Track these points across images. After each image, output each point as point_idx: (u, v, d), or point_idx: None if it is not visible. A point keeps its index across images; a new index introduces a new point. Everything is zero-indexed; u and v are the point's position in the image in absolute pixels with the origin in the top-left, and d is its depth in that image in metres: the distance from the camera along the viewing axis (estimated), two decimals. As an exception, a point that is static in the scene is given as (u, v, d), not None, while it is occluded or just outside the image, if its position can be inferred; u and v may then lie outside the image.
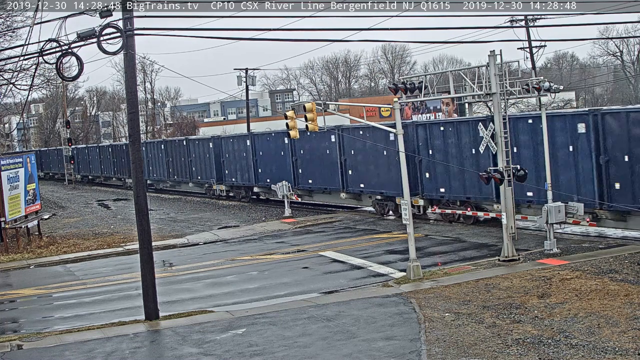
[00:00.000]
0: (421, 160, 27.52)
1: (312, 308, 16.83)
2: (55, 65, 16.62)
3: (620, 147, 21.15)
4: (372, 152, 29.64)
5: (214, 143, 41.37)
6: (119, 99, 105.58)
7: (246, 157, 38.52)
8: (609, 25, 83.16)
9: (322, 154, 32.72)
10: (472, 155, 25.49)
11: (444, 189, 27.07)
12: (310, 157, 33.73)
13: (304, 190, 35.00)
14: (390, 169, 28.39)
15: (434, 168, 27.29)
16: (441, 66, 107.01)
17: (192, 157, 43.61)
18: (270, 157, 36.56)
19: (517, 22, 45.81)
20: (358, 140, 30.50)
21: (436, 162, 26.85)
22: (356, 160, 30.94)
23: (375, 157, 29.69)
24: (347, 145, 31.25)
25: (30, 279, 23.98)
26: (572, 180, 22.53)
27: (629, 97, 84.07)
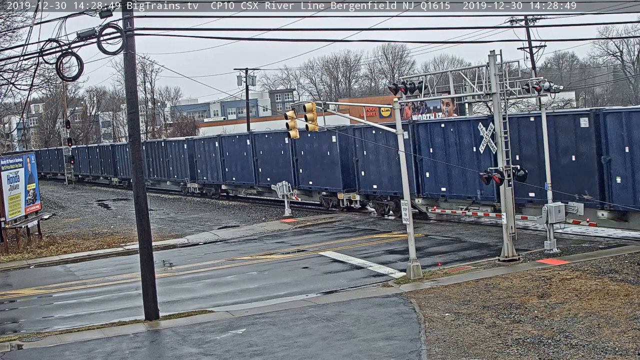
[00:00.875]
0: (357, 160, 30.88)
1: (312, 308, 16.83)
2: (55, 65, 16.63)
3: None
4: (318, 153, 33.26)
5: (187, 144, 44.34)
6: (119, 99, 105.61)
7: (215, 157, 41.43)
8: (609, 25, 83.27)
9: (277, 155, 36.10)
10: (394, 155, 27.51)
11: (376, 185, 30.28)
12: (268, 157, 36.87)
13: (264, 187, 38.20)
14: (333, 168, 32.29)
15: (368, 167, 30.44)
16: (442, 66, 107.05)
17: (170, 157, 46.51)
18: (235, 158, 39.77)
19: (517, 22, 45.83)
20: (306, 142, 33.63)
21: (370, 162, 30.18)
22: (306, 160, 34.19)
23: (321, 157, 33.09)
24: (299, 147, 34.34)
25: (30, 279, 23.98)
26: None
27: (629, 97, 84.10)
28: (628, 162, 20.84)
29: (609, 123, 21.43)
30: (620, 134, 20.95)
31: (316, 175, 33.67)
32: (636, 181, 20.77)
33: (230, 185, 41.40)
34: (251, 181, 38.41)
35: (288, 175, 35.14)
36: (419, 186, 28.03)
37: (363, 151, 30.74)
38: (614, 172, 21.25)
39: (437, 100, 63.80)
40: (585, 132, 22.02)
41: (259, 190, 38.89)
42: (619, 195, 21.19)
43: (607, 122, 21.50)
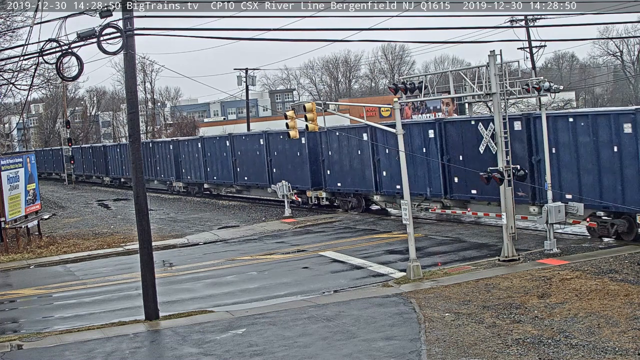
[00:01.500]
0: (324, 160, 32.95)
1: (312, 308, 16.83)
2: (55, 65, 16.62)
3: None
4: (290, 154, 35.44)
5: (173, 145, 46.40)
6: (119, 99, 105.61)
7: (198, 158, 43.60)
8: (609, 25, 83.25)
9: (254, 155, 38.08)
10: (358, 155, 31.07)
11: (340, 183, 32.41)
12: (246, 157, 38.91)
13: (242, 186, 40.47)
14: (303, 167, 34.41)
15: (333, 167, 32.42)
16: (442, 66, 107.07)
17: (157, 157, 48.69)
18: (216, 158, 41.67)
19: (517, 22, 45.84)
20: (279, 143, 36.02)
21: (335, 162, 32.44)
22: (279, 160, 36.16)
23: (292, 157, 35.24)
24: (273, 148, 36.61)
25: (30, 279, 23.98)
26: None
27: (629, 97, 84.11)
28: (555, 162, 22.41)
29: (538, 126, 22.88)
30: (548, 136, 22.25)
31: (288, 175, 35.03)
32: (562, 179, 22.47)
33: (212, 184, 43.35)
34: (230, 180, 40.42)
35: (263, 174, 37.25)
36: (377, 184, 30.10)
37: (328, 152, 32.71)
38: (543, 171, 22.54)
39: (437, 100, 63.81)
40: (519, 134, 23.73)
41: (238, 188, 41.07)
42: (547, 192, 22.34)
43: (536, 125, 23.09)
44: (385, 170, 29.56)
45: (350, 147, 31.33)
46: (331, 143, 32.47)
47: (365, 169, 30.73)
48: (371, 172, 30.14)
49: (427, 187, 27.72)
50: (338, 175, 32.23)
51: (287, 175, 34.76)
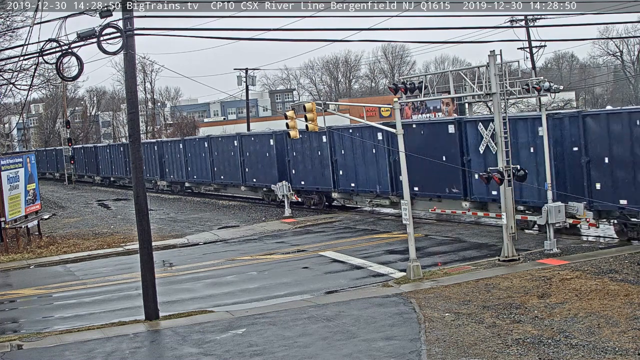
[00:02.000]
0: (289, 160, 35.16)
1: (312, 308, 16.83)
2: (55, 65, 16.62)
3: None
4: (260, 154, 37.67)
5: (157, 146, 49.09)
6: (119, 99, 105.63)
7: (180, 158, 45.70)
8: (609, 25, 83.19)
9: (229, 155, 40.20)
10: (318, 156, 33.43)
11: (304, 181, 34.67)
12: (222, 158, 40.96)
13: (219, 184, 42.69)
14: (272, 167, 36.44)
15: (297, 166, 34.85)
16: (442, 66, 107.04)
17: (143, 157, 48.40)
18: (196, 158, 43.89)
19: (517, 22, 45.81)
20: (250, 144, 38.47)
21: (299, 162, 34.76)
22: (251, 160, 38.38)
23: (262, 158, 37.37)
24: (245, 148, 38.87)
25: (30, 279, 23.98)
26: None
27: (629, 97, 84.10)
28: (482, 162, 24.60)
29: (468, 129, 25.52)
30: (476, 137, 24.98)
31: (259, 174, 37.79)
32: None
33: (192, 183, 45.78)
34: (208, 179, 42.79)
35: (237, 173, 39.56)
36: (335, 182, 32.46)
37: (293, 152, 35.03)
38: (474, 169, 25.02)
39: (437, 100, 63.81)
40: (452, 136, 26.20)
41: (215, 187, 43.36)
42: (477, 188, 25.42)
43: (467, 128, 25.63)
44: (342, 169, 31.99)
45: (312, 148, 33.72)
46: (295, 144, 34.39)
47: (325, 168, 33.07)
48: (330, 171, 32.59)
49: (377, 185, 30.18)
50: (302, 174, 34.50)
51: (258, 174, 37.67)
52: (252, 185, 38.81)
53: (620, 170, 20.93)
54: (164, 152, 47.74)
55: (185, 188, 46.98)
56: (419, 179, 26.83)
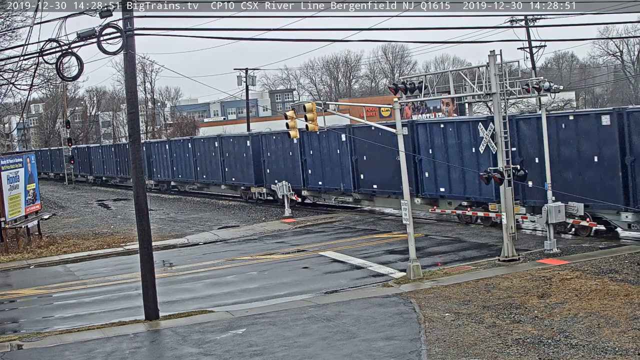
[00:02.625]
0: (264, 160, 37.31)
1: (312, 308, 16.83)
2: (55, 65, 16.62)
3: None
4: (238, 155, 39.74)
5: (145, 147, 50.37)
6: (119, 99, 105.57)
7: (166, 158, 48.27)
8: (609, 25, 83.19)
9: (210, 156, 42.41)
10: (289, 156, 35.67)
11: (277, 180, 36.24)
12: (204, 158, 43.19)
13: (202, 183, 44.81)
14: (248, 167, 38.55)
15: (272, 166, 37.29)
16: (442, 66, 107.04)
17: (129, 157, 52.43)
18: (181, 159, 46.00)
19: (517, 22, 45.81)
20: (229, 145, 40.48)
21: (272, 162, 37.07)
22: (230, 160, 40.36)
23: (241, 158, 39.35)
24: (225, 149, 40.96)
25: (30, 279, 23.98)
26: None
27: (629, 97, 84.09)
28: (432, 161, 27.22)
29: (420, 131, 27.88)
30: (427, 140, 27.58)
31: (237, 173, 39.99)
32: (437, 175, 27.46)
33: (178, 182, 47.86)
34: (192, 178, 45.00)
35: (218, 173, 41.64)
36: (304, 181, 34.76)
37: (267, 153, 37.33)
38: (424, 168, 27.84)
39: (437, 100, 63.82)
40: (406, 138, 26.11)
41: (199, 185, 45.53)
42: (427, 186, 27.99)
43: (418, 130, 27.97)
44: (311, 169, 34.27)
45: (284, 149, 35.99)
46: (270, 146, 37.04)
47: (296, 168, 35.21)
48: (300, 171, 34.85)
49: (341, 183, 32.49)
50: (275, 174, 36.45)
51: (237, 174, 39.95)
52: (231, 184, 41.09)
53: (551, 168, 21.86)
54: (151, 153, 49.79)
55: (171, 187, 49.42)
56: (378, 178, 30.21)
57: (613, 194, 21.45)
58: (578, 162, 22.43)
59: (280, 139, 35.75)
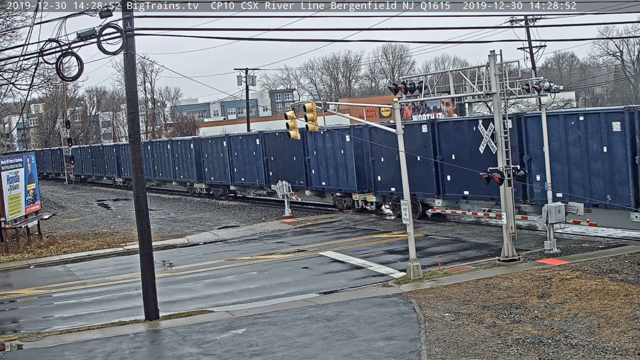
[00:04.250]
0: (232, 160, 40.90)
1: (312, 308, 16.83)
2: (55, 65, 16.61)
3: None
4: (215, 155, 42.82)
5: (116, 149, 58.38)
6: (119, 99, 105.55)
7: (147, 158, 51.75)
8: (609, 25, 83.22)
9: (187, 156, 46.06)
10: (221, 157, 41.19)
11: (213, 177, 42.92)
12: (183, 158, 46.25)
13: (159, 180, 50.42)
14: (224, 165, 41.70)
15: (208, 165, 42.55)
16: (443, 66, 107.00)
17: (104, 158, 60.77)
18: (161, 159, 49.70)
19: (517, 22, 45.81)
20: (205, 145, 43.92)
21: (209, 162, 42.46)
22: (207, 160, 43.64)
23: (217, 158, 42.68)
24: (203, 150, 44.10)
25: (30, 279, 23.98)
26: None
27: (629, 97, 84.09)
28: (316, 161, 33.59)
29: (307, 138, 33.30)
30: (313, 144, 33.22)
31: (184, 171, 45.83)
32: (320, 172, 33.38)
33: (159, 181, 51.55)
34: (150, 176, 49.15)
35: (170, 171, 47.15)
36: (232, 177, 40.86)
37: (205, 154, 42.91)
38: (311, 166, 33.71)
39: (437, 100, 63.80)
40: (299, 142, 33.26)
41: (156, 182, 50.64)
42: (315, 181, 33.87)
43: (307, 137, 33.17)
44: (236, 167, 40.02)
45: (217, 151, 41.65)
46: (207, 148, 42.94)
47: (225, 167, 40.92)
48: (228, 169, 40.72)
49: (257, 179, 38.47)
50: (211, 172, 42.83)
51: (184, 172, 45.50)
52: (180, 181, 46.78)
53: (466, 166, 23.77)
54: (120, 154, 56.91)
55: (151, 186, 53.02)
56: (282, 174, 35.89)
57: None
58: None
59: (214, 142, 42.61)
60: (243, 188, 41.34)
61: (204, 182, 44.15)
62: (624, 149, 20.94)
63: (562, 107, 55.85)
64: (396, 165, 24.76)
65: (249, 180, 39.40)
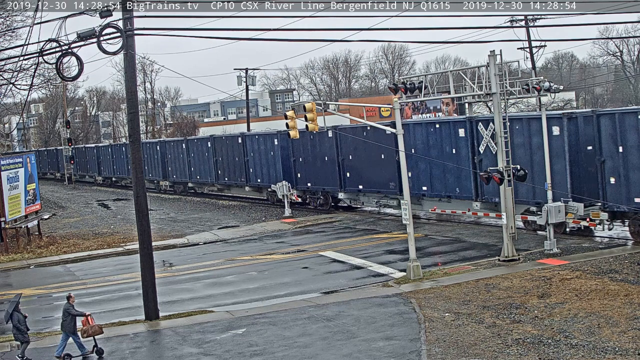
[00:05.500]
0: (167, 161, 47.04)
1: (312, 308, 16.83)
2: (55, 65, 16.62)
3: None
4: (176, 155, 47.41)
5: (96, 150, 64.00)
6: (119, 99, 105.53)
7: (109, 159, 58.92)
8: (609, 25, 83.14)
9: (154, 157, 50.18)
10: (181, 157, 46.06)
11: (175, 175, 47.46)
12: (151, 159, 50.41)
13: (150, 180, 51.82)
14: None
15: (172, 164, 47.25)
16: (443, 66, 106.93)
17: (87, 158, 65.44)
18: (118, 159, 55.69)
19: (517, 22, 45.76)
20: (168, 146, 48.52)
21: (172, 161, 47.40)
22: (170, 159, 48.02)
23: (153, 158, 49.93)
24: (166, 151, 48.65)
25: (30, 279, 23.98)
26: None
27: (629, 97, 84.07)
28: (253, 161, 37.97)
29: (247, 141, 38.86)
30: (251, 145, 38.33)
31: (152, 170, 50.11)
32: (257, 171, 37.72)
33: (117, 178, 58.42)
34: (123, 175, 55.45)
35: (159, 170, 49.87)
36: (190, 175, 45.30)
37: (169, 155, 47.63)
38: (250, 165, 38.21)
39: (437, 100, 63.79)
40: (240, 145, 39.64)
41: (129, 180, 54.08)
42: (253, 178, 38.13)
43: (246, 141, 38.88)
44: (193, 167, 43.77)
45: (178, 152, 46.03)
46: (170, 149, 47.32)
47: (184, 166, 45.43)
48: (187, 168, 45.16)
49: (209, 176, 42.86)
50: (174, 171, 47.32)
51: (176, 172, 47.77)
52: (149, 179, 49.76)
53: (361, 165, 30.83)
54: (100, 155, 62.18)
55: (113, 182, 60.23)
56: (228, 173, 40.75)
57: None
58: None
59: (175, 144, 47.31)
60: (199, 185, 45.94)
61: (167, 180, 49.06)
62: (467, 151, 25.90)
63: (562, 107, 55.81)
64: (311, 164, 34.21)
65: (203, 178, 44.08)
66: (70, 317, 14.79)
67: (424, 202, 28.67)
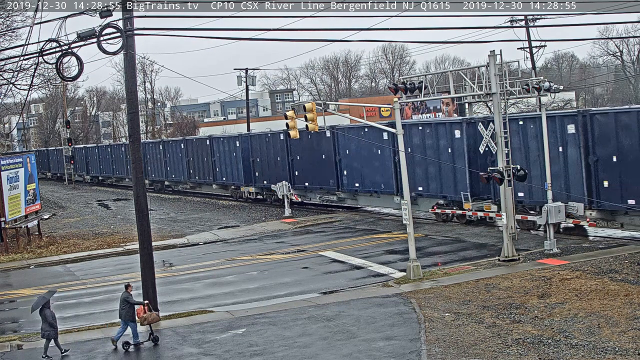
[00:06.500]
0: (189, 160, 45.88)
1: (312, 308, 16.83)
2: (55, 65, 16.62)
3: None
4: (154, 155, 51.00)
5: (85, 150, 66.81)
6: (119, 99, 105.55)
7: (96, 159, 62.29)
8: (609, 25, 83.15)
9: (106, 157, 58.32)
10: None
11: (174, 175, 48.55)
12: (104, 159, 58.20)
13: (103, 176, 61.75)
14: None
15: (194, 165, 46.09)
16: (443, 66, 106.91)
17: (76, 158, 66.98)
18: (117, 159, 57.36)
19: (517, 22, 45.75)
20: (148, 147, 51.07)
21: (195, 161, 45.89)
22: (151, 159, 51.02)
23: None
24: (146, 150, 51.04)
25: (30, 279, 23.98)
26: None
27: (629, 97, 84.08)
28: (219, 161, 41.07)
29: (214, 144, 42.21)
30: (218, 147, 41.49)
31: (154, 170, 51.38)
32: (222, 170, 40.87)
33: (104, 176, 61.85)
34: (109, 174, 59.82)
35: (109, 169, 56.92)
36: (214, 176, 43.90)
37: (167, 155, 48.64)
38: (216, 165, 41.59)
39: (437, 100, 63.80)
40: (208, 147, 42.92)
41: (127, 180, 56.14)
42: (220, 176, 41.30)
43: (214, 144, 42.10)
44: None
45: (177, 152, 47.45)
46: (169, 149, 48.94)
47: (184, 167, 46.68)
48: (185, 168, 46.23)
49: (182, 175, 46.36)
50: (172, 170, 49.17)
51: (155, 171, 50.68)
52: (153, 180, 52.17)
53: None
54: (88, 155, 65.61)
55: (99, 179, 63.91)
56: (198, 172, 43.96)
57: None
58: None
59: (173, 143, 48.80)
60: (174, 183, 49.06)
61: (147, 179, 50.19)
62: (390, 152, 28.81)
63: (562, 107, 55.81)
64: (267, 164, 37.28)
65: (177, 177, 47.54)
66: (128, 306, 15.21)
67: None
